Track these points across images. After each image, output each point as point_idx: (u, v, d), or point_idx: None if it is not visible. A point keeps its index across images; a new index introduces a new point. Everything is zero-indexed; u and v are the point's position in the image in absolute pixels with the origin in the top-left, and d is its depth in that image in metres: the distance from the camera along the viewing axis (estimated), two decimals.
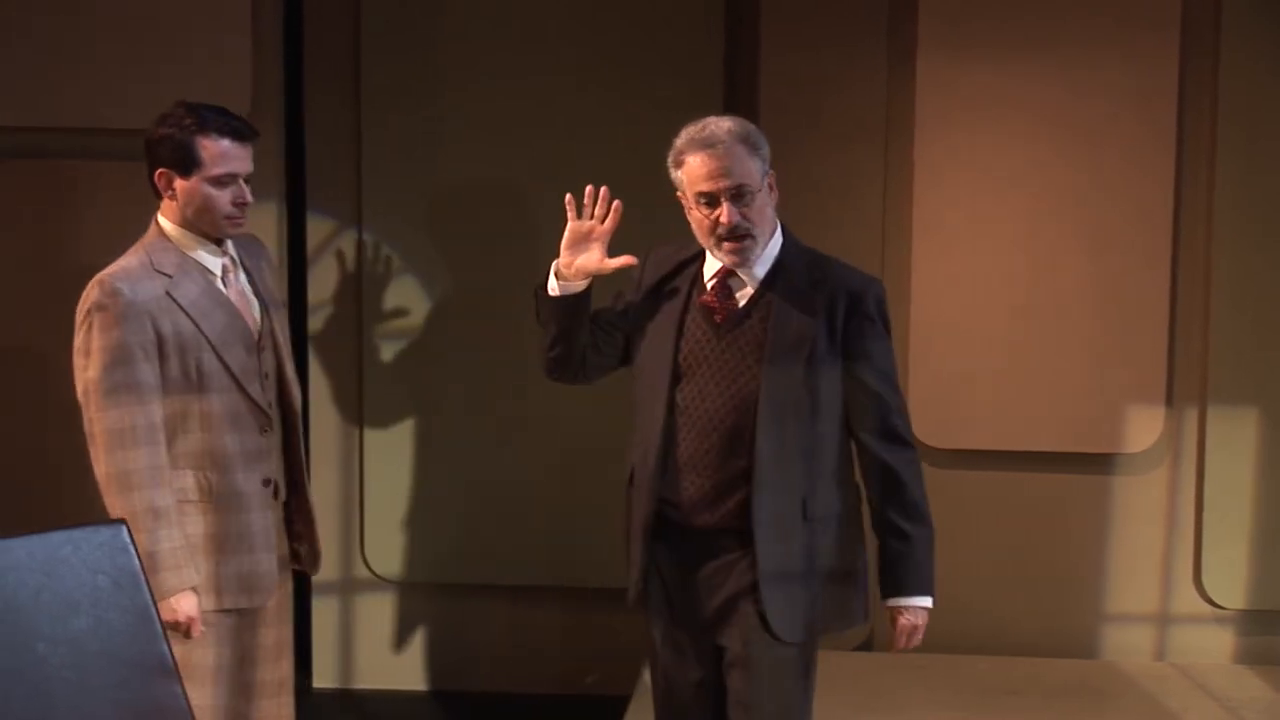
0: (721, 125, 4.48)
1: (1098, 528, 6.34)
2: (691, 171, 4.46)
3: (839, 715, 5.75)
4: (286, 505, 4.97)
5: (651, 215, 4.73)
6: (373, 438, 6.47)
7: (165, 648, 4.00)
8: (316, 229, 6.46)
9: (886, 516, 4.56)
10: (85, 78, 6.20)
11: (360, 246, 6.41)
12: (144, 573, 4.03)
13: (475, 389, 6.41)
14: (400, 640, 6.59)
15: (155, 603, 4.04)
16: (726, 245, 4.49)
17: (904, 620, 4.57)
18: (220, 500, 4.77)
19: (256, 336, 4.86)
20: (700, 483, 4.54)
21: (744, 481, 4.49)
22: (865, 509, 4.62)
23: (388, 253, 6.40)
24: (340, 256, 6.44)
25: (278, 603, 4.90)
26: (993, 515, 6.35)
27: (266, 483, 4.86)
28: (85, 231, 6.27)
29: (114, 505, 4.70)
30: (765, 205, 4.50)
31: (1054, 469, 6.32)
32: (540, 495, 6.44)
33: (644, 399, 4.61)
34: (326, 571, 6.51)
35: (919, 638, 4.60)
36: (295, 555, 5.07)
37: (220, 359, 4.76)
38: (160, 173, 4.76)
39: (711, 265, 4.57)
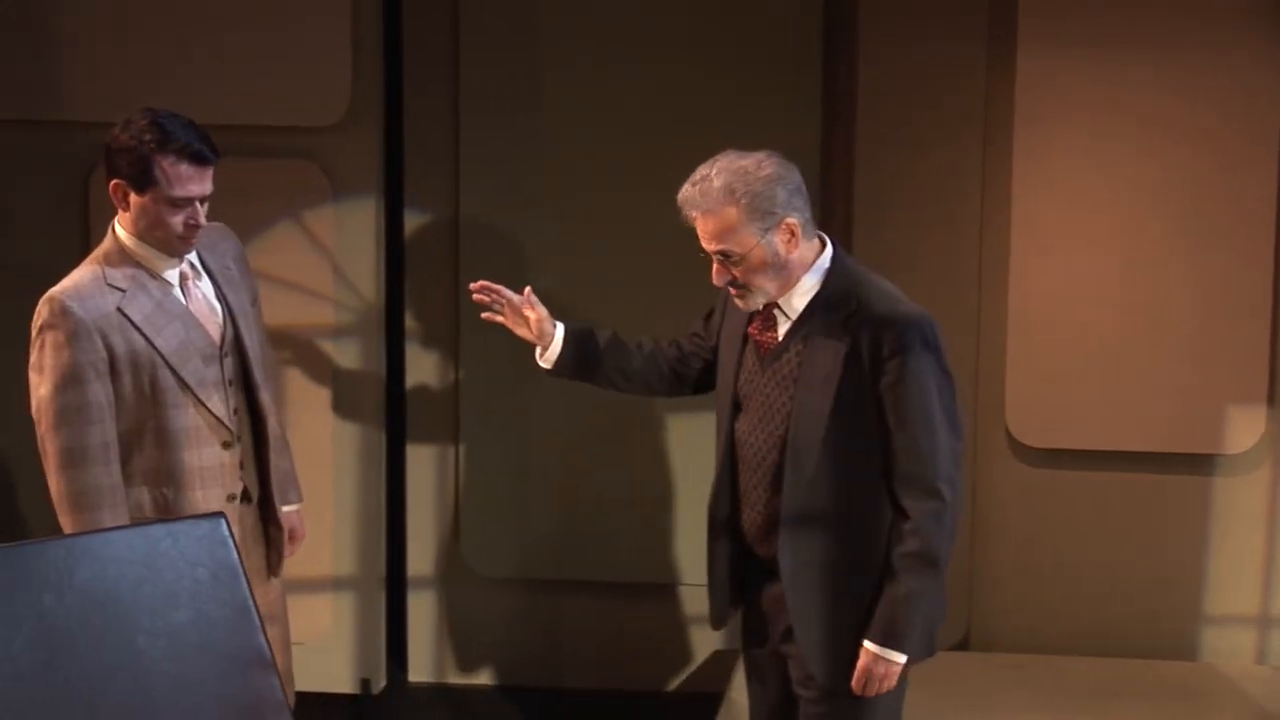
0: (711, 185, 4.37)
1: (1197, 529, 6.29)
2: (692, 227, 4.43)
3: (935, 715, 5.73)
4: (264, 507, 4.96)
5: None
6: (469, 433, 6.49)
7: (263, 641, 4.02)
8: (414, 228, 6.48)
9: (890, 561, 4.38)
10: (186, 76, 6.24)
11: (457, 245, 6.43)
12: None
13: (571, 387, 6.39)
14: (495, 636, 6.61)
15: (253, 596, 4.07)
16: (731, 291, 4.46)
17: (861, 662, 4.42)
18: (177, 517, 4.71)
19: (219, 344, 4.83)
20: (753, 515, 4.52)
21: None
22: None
23: (485, 248, 6.42)
24: (437, 256, 6.46)
25: (267, 608, 4.76)
26: (1090, 515, 6.31)
27: (231, 498, 4.84)
28: None
29: (66, 524, 4.69)
30: (768, 260, 4.37)
31: (1153, 469, 6.27)
32: (635, 492, 6.44)
33: (716, 427, 4.61)
34: (423, 567, 6.57)
35: (875, 686, 4.42)
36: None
37: (175, 374, 4.73)
38: (115, 184, 4.72)
39: None
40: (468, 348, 6.45)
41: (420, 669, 6.66)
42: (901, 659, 4.41)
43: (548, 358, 4.84)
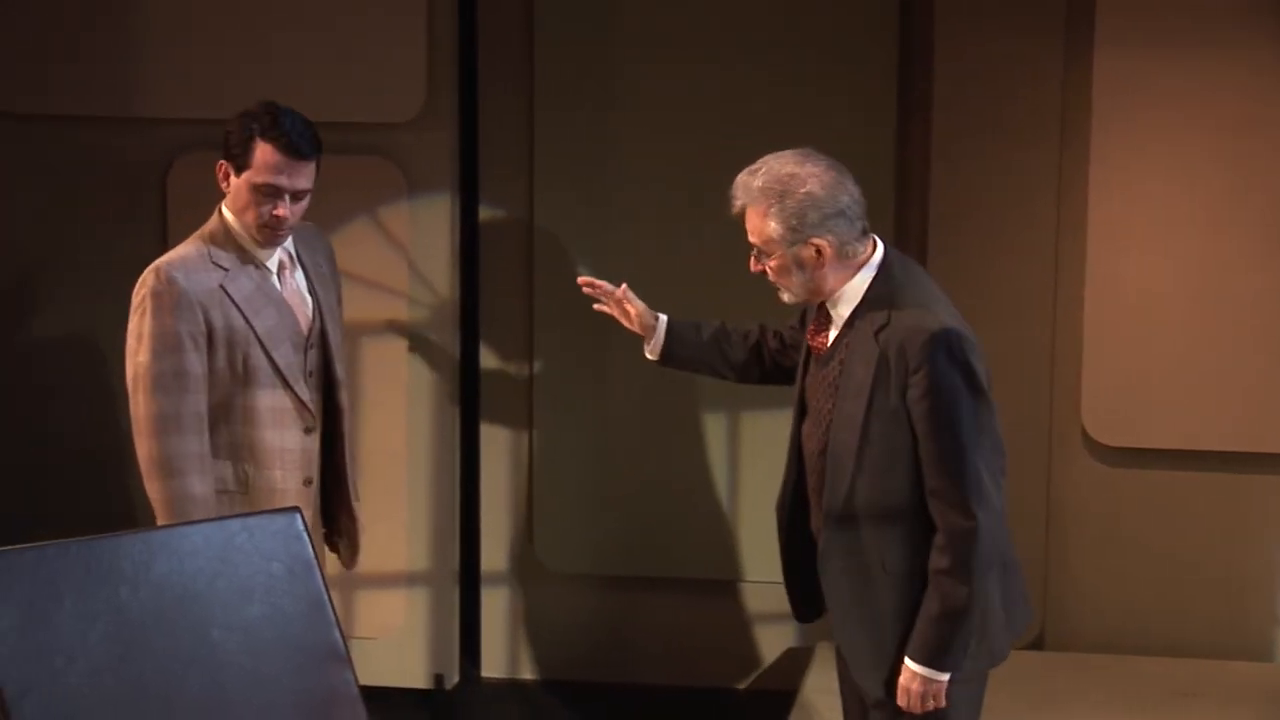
0: (753, 182, 4.37)
1: (1275, 529, 6.25)
2: None
3: (1010, 714, 5.71)
4: (329, 502, 5.00)
5: None
6: (542, 429, 6.50)
7: (338, 635, 4.04)
8: (489, 224, 6.49)
9: (929, 579, 4.32)
10: (262, 73, 6.28)
11: (531, 241, 6.44)
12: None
13: (646, 383, 6.42)
14: (567, 631, 6.62)
15: (327, 590, 4.08)
16: None
17: (901, 679, 4.36)
18: (256, 494, 4.85)
19: (306, 335, 4.92)
20: (816, 516, 4.50)
21: None
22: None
23: (559, 245, 6.42)
24: (511, 251, 6.47)
25: None
26: (1167, 515, 6.27)
27: (308, 482, 4.92)
28: None
29: (153, 489, 4.80)
30: (789, 268, 4.35)
31: (1229, 468, 6.23)
32: (708, 488, 6.43)
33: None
34: (496, 563, 6.58)
35: (918, 704, 4.35)
36: (334, 549, 5.10)
37: (267, 355, 4.83)
38: (221, 162, 4.86)
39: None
40: (541, 344, 6.46)
41: (493, 664, 6.67)
42: (943, 677, 4.33)
43: (652, 349, 4.92)
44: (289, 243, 4.94)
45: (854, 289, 4.37)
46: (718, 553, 6.45)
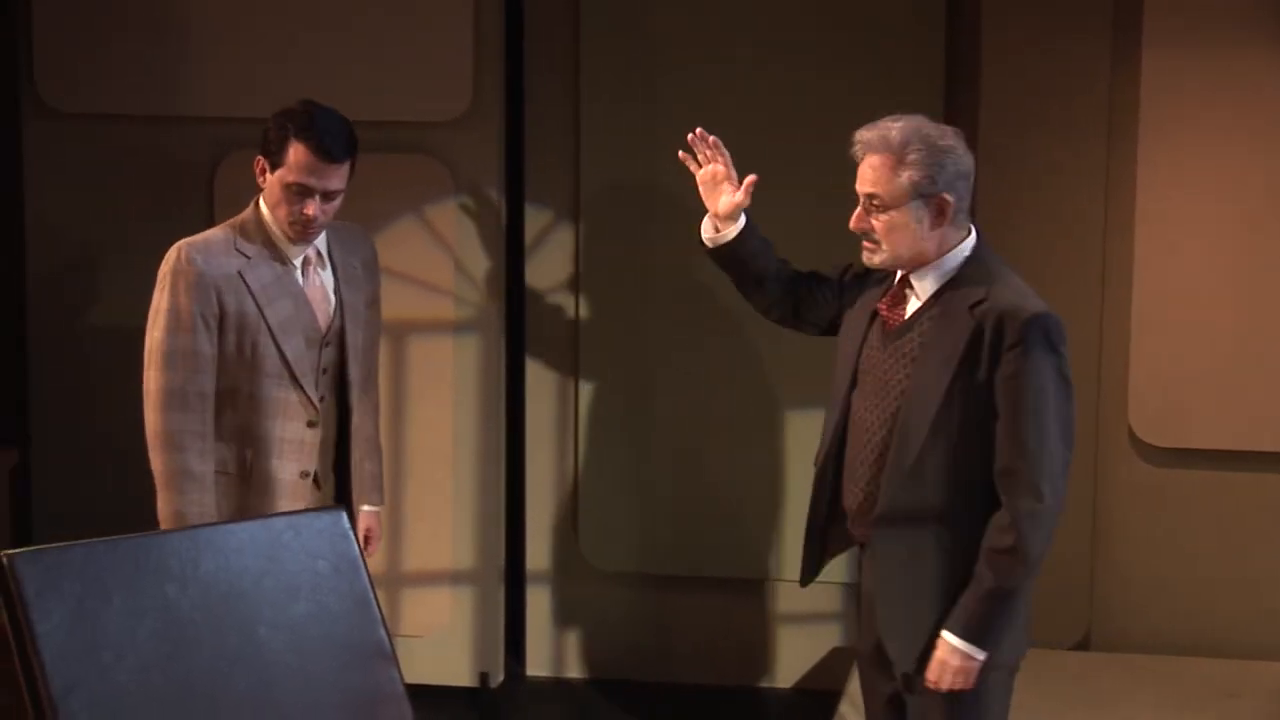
0: (891, 132, 4.34)
1: None
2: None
3: (1056, 715, 5.71)
4: (342, 501, 5.04)
5: None
6: (588, 428, 6.51)
7: (384, 633, 4.06)
8: (535, 220, 6.50)
9: (982, 554, 4.29)
10: (309, 73, 6.29)
11: (578, 237, 6.45)
12: None
13: (691, 382, 6.42)
14: (613, 630, 6.62)
15: (373, 588, 4.09)
16: (864, 245, 4.44)
17: (938, 653, 4.33)
18: (254, 480, 4.91)
19: (324, 331, 4.95)
20: (855, 492, 4.48)
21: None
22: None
23: (605, 244, 6.43)
24: (558, 250, 6.48)
25: None
26: (1214, 515, 6.25)
27: (305, 475, 4.95)
28: None
29: (155, 462, 4.88)
30: (909, 223, 4.34)
31: (1278, 469, 6.21)
32: (754, 488, 6.44)
33: (830, 398, 4.57)
34: (541, 562, 6.59)
35: (949, 680, 4.33)
36: None
37: (277, 346, 4.88)
38: (259, 158, 4.90)
39: (900, 271, 4.48)
40: (588, 342, 6.47)
41: (538, 663, 6.68)
42: (981, 655, 4.31)
43: (722, 235, 4.86)
44: (320, 240, 4.98)
45: (947, 264, 4.39)
46: (763, 552, 6.45)
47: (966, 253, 4.40)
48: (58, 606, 3.73)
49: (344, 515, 4.14)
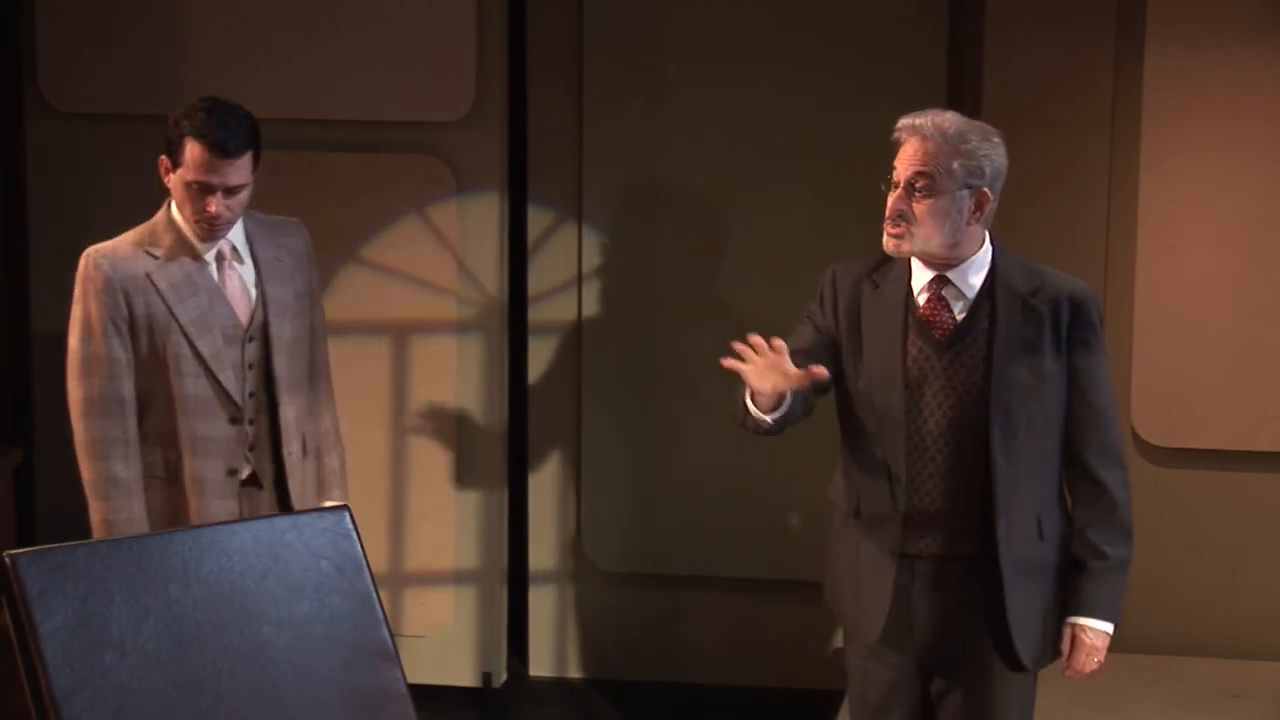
0: (944, 121, 4.35)
1: None
2: (899, 151, 4.40)
3: (1062, 715, 5.70)
4: (279, 496, 5.01)
5: (869, 213, 4.67)
6: (591, 428, 6.52)
7: (387, 633, 4.06)
8: (538, 220, 6.51)
9: (1088, 536, 4.42)
10: (314, 73, 6.31)
11: (581, 237, 6.46)
12: None
13: (694, 381, 6.43)
14: (616, 630, 6.63)
15: (376, 588, 4.10)
16: (886, 225, 4.39)
17: (1089, 640, 4.46)
18: (183, 482, 4.89)
19: (245, 326, 4.93)
20: (922, 505, 4.43)
21: (977, 503, 4.40)
22: None
23: (608, 244, 6.44)
24: (560, 250, 6.49)
25: None
26: (1218, 515, 6.26)
27: (231, 472, 4.93)
28: (316, 219, 6.37)
29: (82, 469, 4.88)
30: (950, 211, 4.33)
31: None
32: (757, 488, 6.44)
33: (867, 418, 4.49)
34: (544, 562, 6.59)
35: (1097, 662, 4.49)
36: None
37: (190, 344, 4.86)
38: (162, 158, 4.90)
39: (920, 276, 4.44)
40: (590, 342, 6.48)
41: (541, 663, 6.69)
42: (1111, 630, 4.50)
43: (779, 411, 4.43)
44: (239, 234, 4.95)
45: (979, 260, 4.42)
46: (765, 552, 6.46)
47: (990, 246, 4.45)
48: (61, 606, 3.73)
49: (347, 515, 4.14)
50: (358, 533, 4.13)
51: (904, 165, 4.37)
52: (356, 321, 6.40)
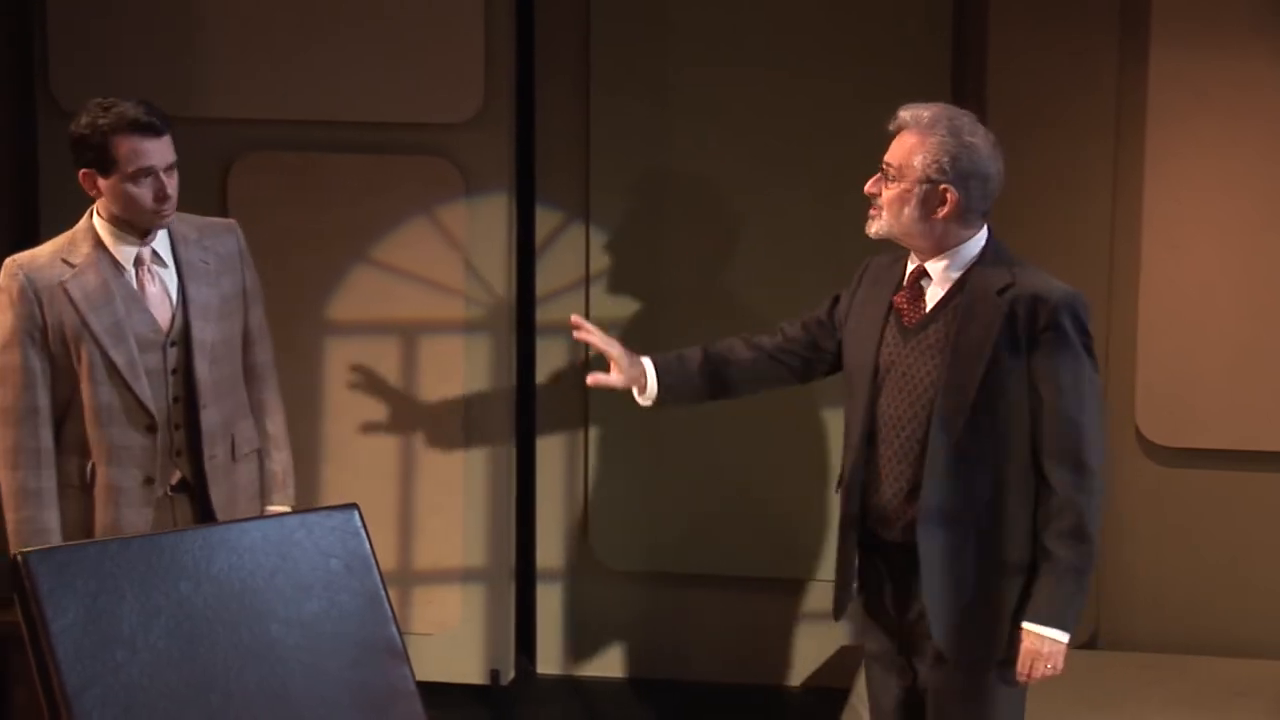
0: (924, 113, 4.41)
1: None
2: None
3: (1063, 714, 5.71)
4: (204, 502, 4.97)
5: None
6: (598, 427, 6.53)
7: (395, 631, 4.08)
8: (546, 220, 6.53)
9: (1040, 539, 4.36)
10: (322, 75, 6.32)
11: (588, 238, 6.47)
12: None
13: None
14: (623, 628, 6.64)
15: (384, 586, 4.12)
16: (870, 211, 4.48)
17: (1026, 645, 4.39)
18: (98, 490, 4.86)
19: (166, 332, 4.90)
20: (890, 492, 4.48)
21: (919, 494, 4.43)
22: None
23: (615, 244, 6.46)
24: (568, 250, 6.50)
25: None
26: (1222, 515, 6.26)
27: (148, 481, 4.90)
28: (325, 220, 6.40)
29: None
30: (909, 200, 4.37)
31: None
32: (765, 487, 6.45)
33: (849, 404, 4.57)
34: (552, 560, 6.61)
35: (1042, 669, 4.39)
36: None
37: (104, 353, 4.83)
38: (84, 173, 4.85)
39: (910, 266, 4.50)
40: None
41: (549, 661, 6.71)
42: (1065, 638, 4.39)
43: (647, 395, 4.88)
44: (161, 240, 4.92)
45: (964, 254, 4.42)
46: (772, 551, 6.47)
47: (981, 244, 4.44)
48: (72, 604, 3.76)
49: (356, 513, 4.16)
50: (366, 531, 4.15)
51: (887, 152, 4.46)
52: (365, 321, 6.42)
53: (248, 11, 6.37)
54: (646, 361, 4.86)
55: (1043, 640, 4.37)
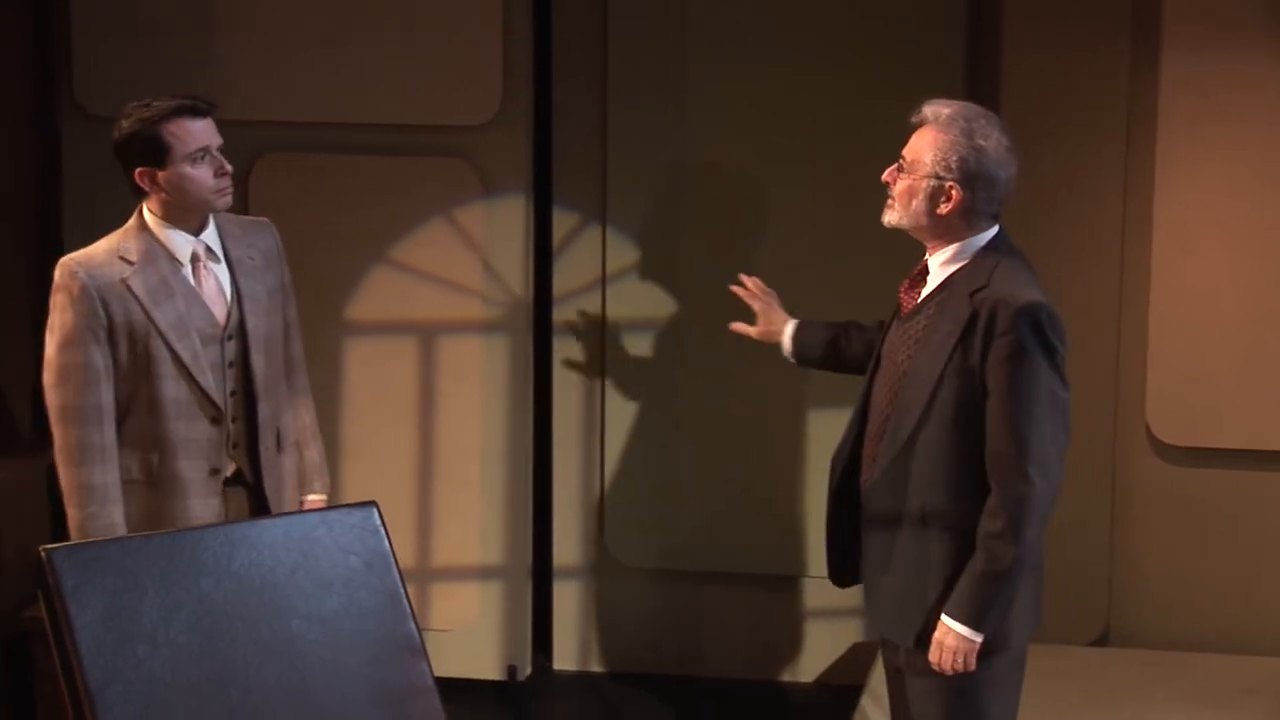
0: (943, 110, 4.48)
1: None
2: None
3: (1074, 710, 5.74)
4: (258, 492, 5.03)
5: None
6: (614, 426, 6.56)
7: (414, 627, 4.09)
8: (563, 221, 6.56)
9: (978, 539, 4.36)
10: (342, 77, 6.34)
11: (605, 239, 6.49)
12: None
13: (716, 379, 6.46)
14: (639, 625, 6.67)
15: (403, 583, 4.15)
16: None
17: (936, 635, 4.40)
18: (162, 484, 4.89)
19: (223, 326, 4.95)
20: (865, 476, 4.56)
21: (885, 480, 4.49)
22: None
23: (631, 245, 6.48)
24: (585, 251, 6.53)
25: None
26: (1232, 514, 6.27)
27: (214, 472, 4.94)
28: (344, 221, 6.43)
29: (61, 476, 4.90)
30: (915, 193, 4.44)
31: None
32: (779, 485, 6.48)
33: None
34: (568, 557, 6.64)
35: (949, 661, 4.39)
36: None
37: (169, 347, 4.87)
38: (139, 172, 4.89)
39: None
40: (614, 341, 6.51)
41: (565, 657, 6.74)
42: (976, 637, 4.37)
43: (785, 351, 5.10)
44: (211, 235, 4.98)
45: (961, 252, 4.46)
46: (786, 548, 6.49)
47: (983, 243, 4.47)
48: (95, 600, 3.78)
49: (375, 511, 4.17)
50: (386, 529, 4.16)
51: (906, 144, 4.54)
52: (384, 321, 6.46)
53: (267, 15, 6.40)
54: (793, 322, 5.06)
55: (949, 633, 4.38)
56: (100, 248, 4.95)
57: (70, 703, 3.78)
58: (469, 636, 6.56)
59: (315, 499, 5.23)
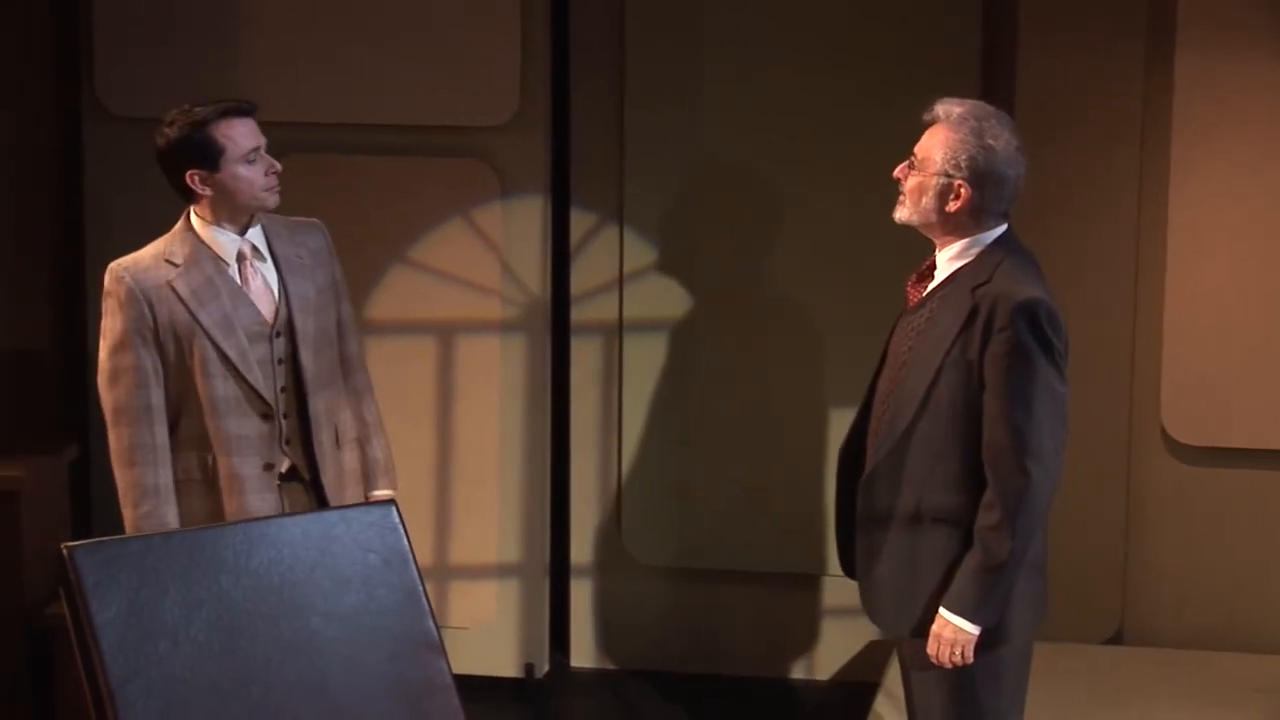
0: (954, 109, 4.50)
1: None
2: None
3: (1089, 709, 5.75)
4: (316, 488, 5.07)
5: None
6: (631, 425, 6.58)
7: (432, 625, 4.10)
8: (580, 222, 6.57)
9: (975, 533, 4.39)
10: (361, 78, 6.37)
11: (622, 239, 6.51)
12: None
13: (732, 379, 6.47)
14: (655, 623, 6.68)
15: (422, 581, 4.17)
16: None
17: (934, 628, 4.43)
18: (219, 482, 4.95)
19: (271, 324, 5.00)
20: (869, 462, 4.58)
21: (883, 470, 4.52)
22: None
23: (648, 245, 6.49)
24: (602, 251, 6.54)
25: None
26: (1246, 513, 6.27)
27: (268, 467, 4.99)
28: (363, 221, 6.45)
29: (117, 477, 4.96)
30: (925, 189, 4.47)
31: None
32: (795, 483, 6.49)
33: None
34: (585, 555, 6.65)
35: (949, 655, 4.42)
36: None
37: (216, 346, 4.93)
38: (191, 174, 4.93)
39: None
40: (631, 341, 6.53)
41: (582, 654, 6.75)
42: (973, 630, 4.39)
43: None
44: (257, 235, 5.02)
45: (968, 248, 4.49)
46: (802, 546, 6.50)
47: (989, 241, 4.50)
48: (116, 597, 3.80)
49: (394, 509, 4.18)
50: (404, 527, 4.18)
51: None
52: (403, 321, 6.48)
53: (286, 16, 6.42)
54: None
55: (946, 625, 4.41)
56: (147, 252, 5.01)
57: (91, 700, 3.79)
58: (487, 634, 6.58)
59: (379, 495, 5.24)
